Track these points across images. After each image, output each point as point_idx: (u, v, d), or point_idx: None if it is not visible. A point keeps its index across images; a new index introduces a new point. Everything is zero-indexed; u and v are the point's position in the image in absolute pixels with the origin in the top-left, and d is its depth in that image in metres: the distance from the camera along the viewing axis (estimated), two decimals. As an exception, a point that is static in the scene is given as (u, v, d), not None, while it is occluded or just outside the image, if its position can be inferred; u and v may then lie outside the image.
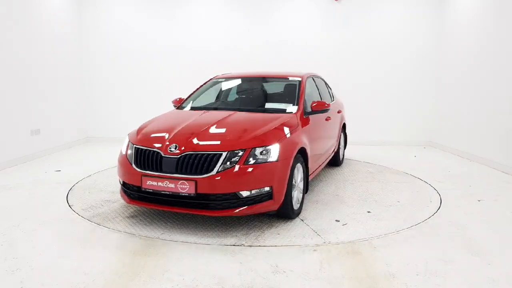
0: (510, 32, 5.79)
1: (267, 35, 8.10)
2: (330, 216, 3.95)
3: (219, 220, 3.77)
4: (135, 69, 8.27)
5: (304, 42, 8.09)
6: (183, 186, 3.30)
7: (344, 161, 6.52)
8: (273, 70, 6.38)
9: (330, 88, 6.12)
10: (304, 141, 4.00)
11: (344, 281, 2.70)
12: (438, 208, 4.24)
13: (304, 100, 4.46)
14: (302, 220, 3.82)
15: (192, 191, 3.28)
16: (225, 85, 5.27)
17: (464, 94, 7.08)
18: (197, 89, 5.22)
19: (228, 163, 3.31)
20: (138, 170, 3.52)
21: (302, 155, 3.97)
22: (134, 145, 3.69)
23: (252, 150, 3.38)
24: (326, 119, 5.04)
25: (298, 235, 3.47)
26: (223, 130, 3.74)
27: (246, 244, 3.28)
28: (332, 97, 5.97)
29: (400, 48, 8.05)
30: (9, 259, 3.00)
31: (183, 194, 3.32)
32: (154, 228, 3.60)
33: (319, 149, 4.71)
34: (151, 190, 3.44)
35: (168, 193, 3.37)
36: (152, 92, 8.27)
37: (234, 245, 3.25)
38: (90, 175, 5.50)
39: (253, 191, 3.35)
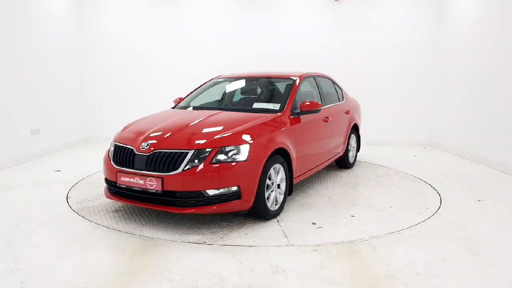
0: (510, 32, 5.79)
1: (267, 35, 8.10)
2: (310, 218, 3.87)
3: (188, 217, 3.81)
4: (135, 69, 8.27)
5: (304, 42, 8.09)
6: (151, 183, 3.40)
7: (357, 163, 6.33)
8: (273, 70, 6.37)
9: (341, 89, 5.97)
10: (285, 141, 3.93)
11: (344, 281, 2.70)
12: (438, 208, 4.24)
13: (295, 100, 4.38)
14: (278, 221, 3.79)
15: (159, 188, 3.37)
16: (221, 85, 5.28)
17: (464, 94, 7.08)
18: (195, 89, 5.31)
19: (195, 161, 3.36)
20: (115, 166, 3.68)
21: (285, 156, 3.95)
22: (114, 142, 3.90)
23: (220, 149, 3.42)
24: (324, 120, 4.91)
25: (265, 236, 3.45)
26: (198, 129, 3.76)
27: (208, 242, 3.31)
28: (342, 97, 5.84)
29: (400, 48, 8.04)
30: (9, 259, 3.00)
31: (151, 190, 3.42)
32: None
33: (312, 150, 4.65)
34: (125, 186, 3.59)
35: (138, 189, 3.49)
36: (152, 92, 8.27)
37: (233, 245, 3.25)
38: (90, 175, 5.50)
39: (220, 190, 3.37)
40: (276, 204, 3.85)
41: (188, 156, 3.37)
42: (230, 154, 3.44)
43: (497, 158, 6.04)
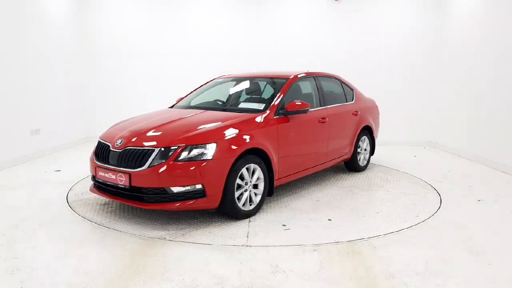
0: (510, 32, 5.79)
1: (267, 35, 8.10)
2: (284, 220, 3.83)
3: (153, 213, 3.83)
4: (135, 69, 8.27)
5: (304, 42, 8.09)
6: (121, 178, 3.56)
7: (370, 166, 6.09)
8: (272, 70, 6.36)
9: (352, 89, 5.79)
10: (263, 141, 3.91)
11: (344, 281, 2.70)
12: (438, 208, 4.24)
13: (282, 101, 4.34)
14: (249, 221, 3.78)
15: (127, 184, 3.51)
16: (218, 86, 5.29)
17: (464, 94, 7.08)
18: (195, 89, 5.36)
19: (160, 159, 3.45)
20: (95, 161, 3.90)
21: (263, 157, 3.94)
22: (98, 139, 4.10)
23: (185, 147, 3.48)
24: (320, 121, 4.78)
25: (227, 235, 3.45)
26: (171, 128, 3.85)
27: (168, 239, 3.35)
28: (352, 98, 5.65)
29: (400, 48, 8.05)
30: (9, 259, 3.00)
31: (121, 185, 3.58)
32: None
33: (303, 151, 4.58)
34: (101, 180, 3.81)
35: (111, 183, 3.68)
36: (152, 92, 8.26)
37: (233, 245, 3.26)
38: (90, 175, 5.48)
39: (184, 188, 3.43)
40: (251, 204, 3.86)
41: (154, 154, 3.47)
42: (195, 152, 3.48)
43: (497, 158, 6.04)
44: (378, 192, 4.82)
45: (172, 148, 3.48)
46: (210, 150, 3.50)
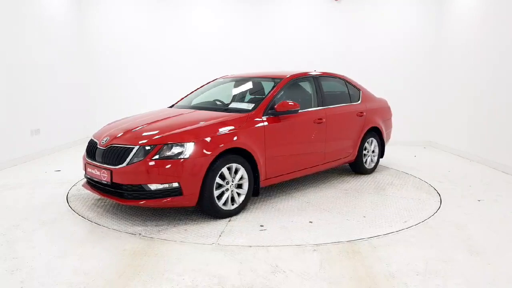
0: (510, 32, 5.79)
1: (267, 35, 8.11)
2: (264, 221, 3.81)
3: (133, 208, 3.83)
4: (135, 69, 8.27)
5: (303, 42, 8.09)
6: (104, 174, 3.71)
7: (380, 169, 5.96)
8: (274, 70, 6.37)
9: (359, 89, 5.63)
10: (246, 141, 3.92)
11: (344, 281, 2.70)
12: (438, 208, 4.24)
13: (272, 101, 4.31)
14: (229, 221, 3.78)
15: (109, 180, 3.65)
16: (216, 86, 5.30)
17: (464, 94, 7.08)
18: (196, 89, 5.40)
19: (139, 157, 3.55)
20: (86, 158, 4.08)
21: (248, 157, 3.95)
22: (91, 137, 4.26)
23: (163, 146, 3.56)
24: (316, 121, 4.69)
25: (202, 234, 3.46)
26: (155, 127, 3.92)
27: (142, 234, 3.41)
28: (358, 98, 5.50)
29: (400, 48, 8.05)
30: (9, 259, 3.00)
31: (103, 181, 3.73)
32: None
33: (295, 152, 4.50)
34: (89, 176, 3.99)
35: (96, 179, 3.84)
36: (152, 92, 8.27)
37: (233, 245, 3.26)
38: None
39: (162, 185, 3.51)
40: (233, 204, 3.88)
41: (133, 152, 3.58)
42: (173, 151, 3.55)
43: (497, 158, 6.04)
44: (373, 194, 4.77)
45: (150, 146, 3.57)
46: (187, 149, 3.56)
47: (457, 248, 3.26)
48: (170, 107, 5.11)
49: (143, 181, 3.51)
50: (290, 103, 4.24)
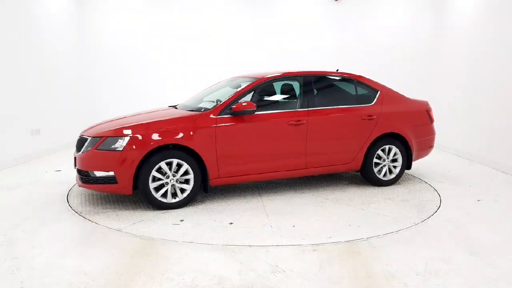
0: (510, 32, 5.79)
1: (267, 35, 8.11)
2: (185, 215, 3.93)
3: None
4: (135, 69, 8.26)
5: (303, 42, 8.09)
6: (74, 161, 4.29)
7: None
8: (277, 70, 6.36)
9: (377, 90, 5.04)
10: (191, 139, 4.08)
11: (344, 281, 2.70)
12: (438, 208, 4.24)
13: (235, 101, 4.33)
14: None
15: (75, 165, 4.27)
16: (216, 86, 5.32)
17: (464, 94, 7.08)
18: (205, 89, 5.46)
19: (89, 147, 4.08)
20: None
21: (195, 156, 4.13)
22: None
23: (106, 138, 4.02)
24: (292, 123, 4.46)
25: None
26: (117, 123, 4.35)
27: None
28: (370, 100, 4.95)
29: (399, 47, 8.06)
30: (9, 259, 3.00)
31: (76, 168, 4.25)
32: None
33: (259, 153, 4.40)
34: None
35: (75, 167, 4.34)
36: (152, 92, 8.26)
37: (233, 245, 3.26)
38: (90, 175, 5.49)
39: (102, 173, 3.99)
40: (174, 198, 4.13)
41: (87, 142, 4.12)
42: (111, 144, 3.99)
43: (497, 158, 6.04)
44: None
45: (97, 138, 4.06)
46: (122, 143, 3.97)
47: (457, 248, 3.26)
48: (170, 107, 5.14)
49: (89, 168, 4.04)
50: (244, 104, 4.26)
